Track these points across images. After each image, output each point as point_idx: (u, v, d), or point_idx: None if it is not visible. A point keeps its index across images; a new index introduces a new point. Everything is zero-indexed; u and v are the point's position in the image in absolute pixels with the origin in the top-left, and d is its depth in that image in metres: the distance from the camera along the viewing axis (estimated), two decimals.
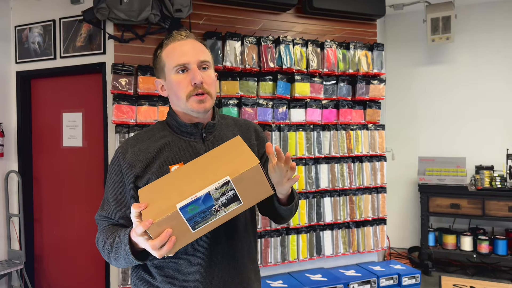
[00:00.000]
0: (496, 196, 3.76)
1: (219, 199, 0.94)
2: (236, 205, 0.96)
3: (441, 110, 4.41)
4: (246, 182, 0.95)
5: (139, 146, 1.16)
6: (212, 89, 1.15)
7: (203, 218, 0.94)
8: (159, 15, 2.74)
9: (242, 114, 3.04)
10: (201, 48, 1.16)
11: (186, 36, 1.16)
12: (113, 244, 1.06)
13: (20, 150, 3.26)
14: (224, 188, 0.94)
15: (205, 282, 1.10)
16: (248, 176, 0.95)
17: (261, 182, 0.97)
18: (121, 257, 1.04)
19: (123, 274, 2.75)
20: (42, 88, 3.32)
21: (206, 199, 0.93)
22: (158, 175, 1.10)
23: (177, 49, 1.14)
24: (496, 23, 4.20)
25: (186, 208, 0.92)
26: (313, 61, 3.28)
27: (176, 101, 1.16)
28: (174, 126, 1.19)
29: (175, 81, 1.13)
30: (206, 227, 0.95)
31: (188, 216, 0.93)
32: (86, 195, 3.18)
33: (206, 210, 0.93)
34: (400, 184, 4.52)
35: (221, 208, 0.95)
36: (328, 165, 3.34)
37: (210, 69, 1.17)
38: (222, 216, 0.95)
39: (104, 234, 1.12)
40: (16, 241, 3.23)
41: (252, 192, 0.97)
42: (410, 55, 4.53)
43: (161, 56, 1.17)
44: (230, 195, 0.94)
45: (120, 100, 2.75)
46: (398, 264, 3.49)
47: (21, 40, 3.22)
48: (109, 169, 1.18)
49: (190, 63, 1.12)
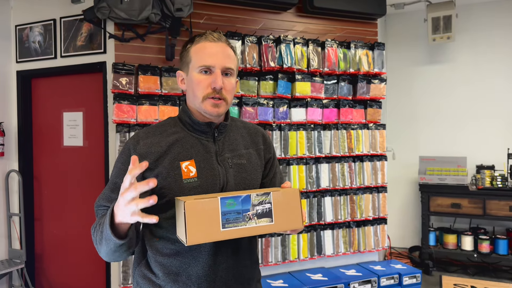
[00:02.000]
0: (497, 196, 3.76)
1: (256, 207, 0.99)
2: (267, 222, 0.99)
3: (442, 109, 4.41)
4: (283, 202, 1.02)
5: (151, 139, 1.16)
6: (229, 96, 1.17)
7: (235, 219, 0.97)
8: (159, 14, 2.74)
9: (242, 113, 3.04)
10: (230, 54, 1.18)
11: (218, 38, 1.17)
12: (99, 225, 1.06)
13: (21, 149, 3.26)
14: (263, 198, 1.00)
15: (209, 281, 1.10)
16: (286, 195, 1.02)
17: (295, 209, 1.03)
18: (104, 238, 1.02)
19: (123, 274, 2.75)
20: (43, 88, 3.32)
21: (245, 200, 0.98)
22: (169, 169, 1.11)
23: (206, 49, 1.15)
24: (497, 22, 4.19)
25: (226, 200, 0.96)
26: (314, 60, 3.28)
27: (193, 98, 1.18)
28: (187, 123, 1.20)
29: (196, 80, 1.15)
30: (233, 232, 0.97)
31: (224, 210, 0.96)
32: (87, 194, 3.18)
33: (241, 211, 0.97)
34: (401, 184, 4.51)
35: (254, 218, 0.98)
36: (329, 165, 3.34)
37: (232, 77, 1.19)
38: (251, 227, 0.98)
39: (97, 220, 1.12)
40: (16, 240, 3.24)
41: (285, 216, 1.01)
42: (411, 54, 4.52)
43: (190, 51, 1.18)
44: (266, 208, 1.00)
45: (121, 100, 2.74)
46: (399, 263, 3.49)
47: (22, 39, 3.21)
48: (117, 159, 1.18)
49: (215, 67, 1.14)
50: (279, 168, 1.37)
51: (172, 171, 1.11)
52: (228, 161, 1.17)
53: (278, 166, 1.36)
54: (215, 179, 1.14)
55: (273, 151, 1.34)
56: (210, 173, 1.14)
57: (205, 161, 1.15)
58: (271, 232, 1.01)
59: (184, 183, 1.10)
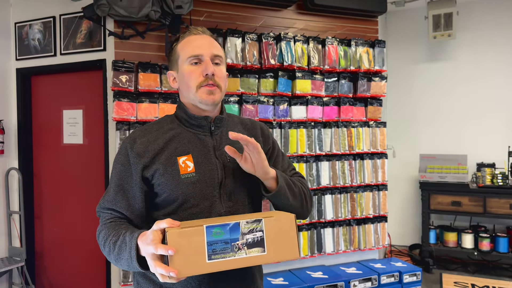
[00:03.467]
0: (498, 194, 3.75)
1: (246, 236, 0.91)
2: (259, 252, 0.91)
3: (442, 107, 4.40)
4: (277, 230, 0.93)
5: (147, 137, 1.16)
6: (222, 83, 1.17)
7: (222, 249, 0.89)
8: (159, 12, 2.73)
9: (243, 111, 3.03)
10: (216, 44, 1.19)
11: (202, 31, 1.20)
12: (115, 243, 1.02)
13: (21, 147, 3.25)
14: (254, 225, 0.92)
15: (209, 278, 1.09)
16: (280, 222, 0.94)
17: (291, 237, 0.94)
18: (124, 260, 1.00)
19: (123, 271, 2.75)
20: (42, 85, 3.31)
21: (233, 228, 0.90)
22: (166, 166, 1.10)
23: (192, 42, 1.17)
24: (499, 20, 4.18)
25: (212, 229, 0.89)
26: (314, 58, 3.27)
27: (186, 92, 1.18)
28: (183, 119, 1.20)
29: (187, 71, 1.15)
30: (220, 263, 0.89)
31: (210, 240, 0.89)
32: (87, 192, 3.17)
33: (229, 241, 0.90)
34: (401, 182, 4.51)
35: (244, 248, 0.90)
36: (329, 163, 3.33)
37: (222, 65, 1.19)
38: (240, 258, 0.90)
39: (107, 230, 1.08)
40: (16, 238, 3.23)
41: (279, 245, 0.93)
42: (412, 52, 4.51)
43: (176, 49, 1.20)
44: (258, 237, 0.91)
45: (121, 97, 2.74)
46: (399, 261, 3.49)
47: (21, 37, 3.20)
48: (115, 160, 1.17)
49: (204, 55, 1.15)
50: (284, 157, 1.34)
51: (169, 167, 1.10)
52: (225, 155, 1.17)
53: (282, 155, 1.34)
54: (213, 174, 1.13)
55: (272, 141, 1.32)
56: (208, 167, 1.13)
57: (202, 155, 1.14)
58: (264, 263, 0.93)
59: (181, 178, 1.10)
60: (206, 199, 1.11)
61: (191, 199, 1.10)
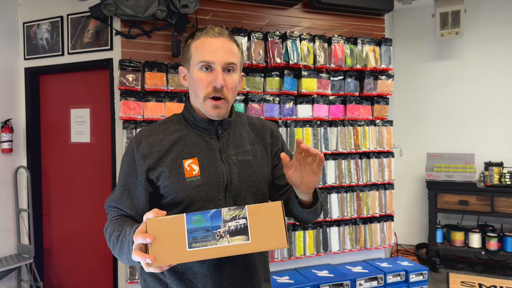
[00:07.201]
0: (505, 193, 3.72)
1: (228, 223, 0.87)
2: (243, 240, 0.87)
3: (449, 105, 4.37)
4: (262, 218, 0.88)
5: (153, 137, 1.15)
6: (231, 94, 1.13)
7: (203, 237, 0.86)
8: (165, 11, 2.74)
9: (248, 110, 3.04)
10: (231, 49, 1.13)
11: (219, 33, 1.12)
12: (118, 238, 1.04)
13: (29, 145, 3.29)
14: (237, 212, 0.88)
15: (215, 280, 1.09)
16: (265, 210, 0.89)
17: (278, 225, 0.88)
18: (124, 254, 1.02)
19: (130, 269, 2.77)
20: (50, 84, 3.34)
21: (215, 215, 0.87)
22: (171, 168, 1.10)
23: (206, 45, 1.11)
24: (507, 18, 4.13)
25: (192, 216, 0.87)
26: (320, 56, 3.26)
27: (194, 97, 1.16)
28: (190, 121, 1.19)
29: (197, 78, 1.12)
30: (201, 252, 0.86)
31: (191, 228, 0.86)
32: (94, 190, 3.20)
33: (211, 229, 0.87)
34: (408, 181, 4.49)
35: (226, 236, 0.87)
36: (335, 161, 3.33)
37: (235, 72, 1.14)
38: (223, 247, 0.86)
39: (112, 225, 1.10)
40: (25, 235, 3.27)
41: (264, 233, 0.88)
42: (419, 50, 4.48)
43: (190, 47, 1.15)
44: (240, 224, 0.87)
45: (127, 96, 2.75)
46: (405, 260, 3.47)
47: (30, 36, 3.24)
48: (122, 159, 1.18)
49: (216, 63, 1.09)
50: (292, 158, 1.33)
51: (175, 169, 1.10)
52: (232, 158, 1.15)
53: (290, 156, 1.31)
54: (219, 177, 1.12)
55: (281, 143, 1.30)
56: (214, 171, 1.12)
57: (208, 158, 1.13)
58: (248, 252, 0.88)
59: (187, 181, 1.09)
60: (211, 203, 1.10)
61: (196, 202, 1.09)
